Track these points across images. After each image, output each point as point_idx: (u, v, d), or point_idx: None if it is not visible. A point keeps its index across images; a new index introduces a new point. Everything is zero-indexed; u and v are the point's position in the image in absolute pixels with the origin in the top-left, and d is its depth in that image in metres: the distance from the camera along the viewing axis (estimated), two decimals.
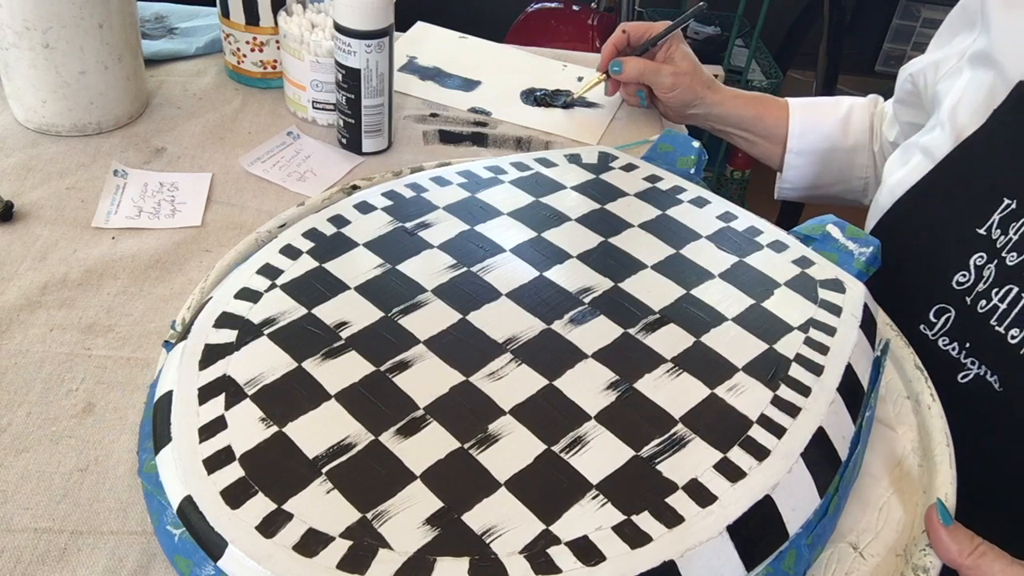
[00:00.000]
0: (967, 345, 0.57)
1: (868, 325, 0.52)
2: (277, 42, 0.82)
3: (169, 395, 0.44)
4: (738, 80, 1.83)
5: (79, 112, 0.74)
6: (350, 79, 0.72)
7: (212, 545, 0.38)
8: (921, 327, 0.59)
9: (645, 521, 0.38)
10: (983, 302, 0.55)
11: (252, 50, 0.83)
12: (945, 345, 0.58)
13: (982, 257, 0.55)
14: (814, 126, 0.82)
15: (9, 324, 0.57)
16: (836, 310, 0.52)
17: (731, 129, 0.86)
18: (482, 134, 0.82)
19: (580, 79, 0.94)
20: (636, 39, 0.85)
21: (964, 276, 0.56)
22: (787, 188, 0.86)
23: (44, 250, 0.63)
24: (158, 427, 0.43)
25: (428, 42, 0.98)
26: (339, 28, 0.70)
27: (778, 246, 0.57)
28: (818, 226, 0.60)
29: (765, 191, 0.70)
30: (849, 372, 0.48)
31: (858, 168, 0.82)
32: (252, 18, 0.81)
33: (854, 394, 0.48)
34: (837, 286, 0.54)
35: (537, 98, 0.89)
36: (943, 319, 0.58)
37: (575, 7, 1.72)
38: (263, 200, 0.71)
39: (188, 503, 0.39)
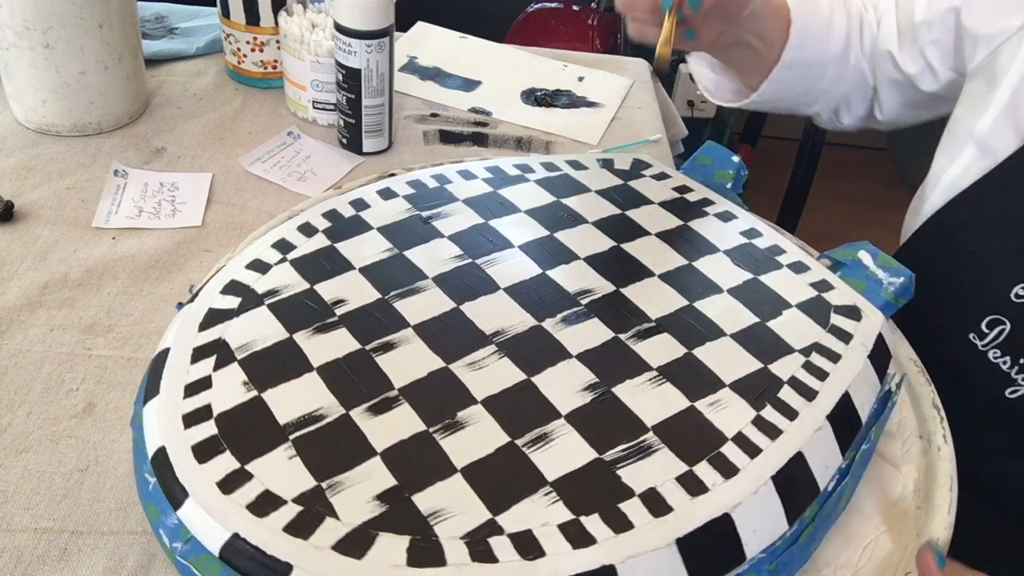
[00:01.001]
0: (1021, 361, 0.54)
1: (879, 357, 0.50)
2: (277, 42, 0.82)
3: (166, 352, 0.46)
4: None
5: (79, 112, 0.74)
6: (350, 79, 0.72)
7: (175, 495, 0.39)
8: (971, 336, 0.56)
9: (593, 523, 0.38)
10: None
11: (252, 50, 0.83)
12: (996, 358, 0.55)
13: None
14: (808, 35, 0.69)
15: (9, 324, 0.57)
16: (846, 337, 0.50)
17: (754, 39, 0.69)
18: (482, 134, 0.82)
19: (581, 79, 0.91)
20: None
21: None
22: (759, 102, 0.74)
23: (44, 250, 0.63)
24: (151, 380, 0.45)
25: (428, 42, 0.98)
26: (339, 28, 0.70)
27: (799, 267, 0.55)
28: (850, 251, 0.58)
29: (766, 191, 0.67)
30: (845, 401, 0.46)
31: (825, 81, 0.72)
32: (252, 18, 0.81)
33: (848, 424, 0.46)
34: (853, 313, 0.52)
35: (537, 98, 0.88)
36: (996, 331, 0.54)
37: (575, 7, 1.70)
38: (263, 200, 0.71)
39: (161, 453, 0.41)
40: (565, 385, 0.45)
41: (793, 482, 0.42)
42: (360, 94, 0.73)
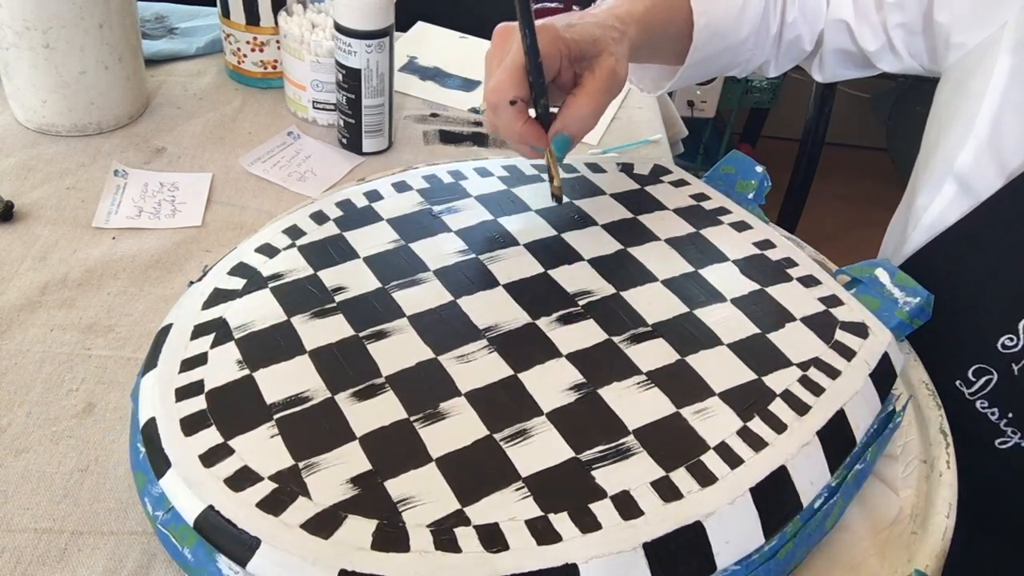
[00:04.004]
0: (1009, 415, 0.52)
1: (883, 377, 0.49)
2: (277, 42, 0.83)
3: (169, 327, 0.48)
4: (736, 80, 1.73)
5: (79, 112, 0.74)
6: (350, 79, 0.72)
7: (159, 465, 0.41)
8: (957, 383, 0.54)
9: (560, 521, 0.38)
10: None
11: (252, 50, 0.83)
12: (983, 408, 0.53)
13: None
14: (715, 29, 0.64)
15: (9, 324, 0.57)
16: (849, 354, 0.49)
17: (654, 60, 0.67)
18: (482, 134, 0.81)
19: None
20: (524, 92, 0.52)
21: (1011, 340, 0.51)
22: (663, 91, 0.72)
23: (44, 250, 0.63)
24: (151, 354, 0.47)
25: (428, 42, 0.98)
26: (339, 28, 0.70)
27: (809, 281, 0.54)
28: (867, 268, 0.57)
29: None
30: (839, 419, 0.45)
31: (742, 55, 0.68)
32: (252, 18, 0.81)
33: (840, 442, 0.45)
34: (860, 330, 0.51)
35: None
36: (983, 380, 0.53)
37: (575, 7, 1.68)
38: (263, 200, 0.71)
39: (151, 424, 0.42)
40: (551, 383, 0.45)
41: (773, 496, 0.41)
42: (360, 94, 0.73)
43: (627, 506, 0.39)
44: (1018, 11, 0.53)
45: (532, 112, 0.53)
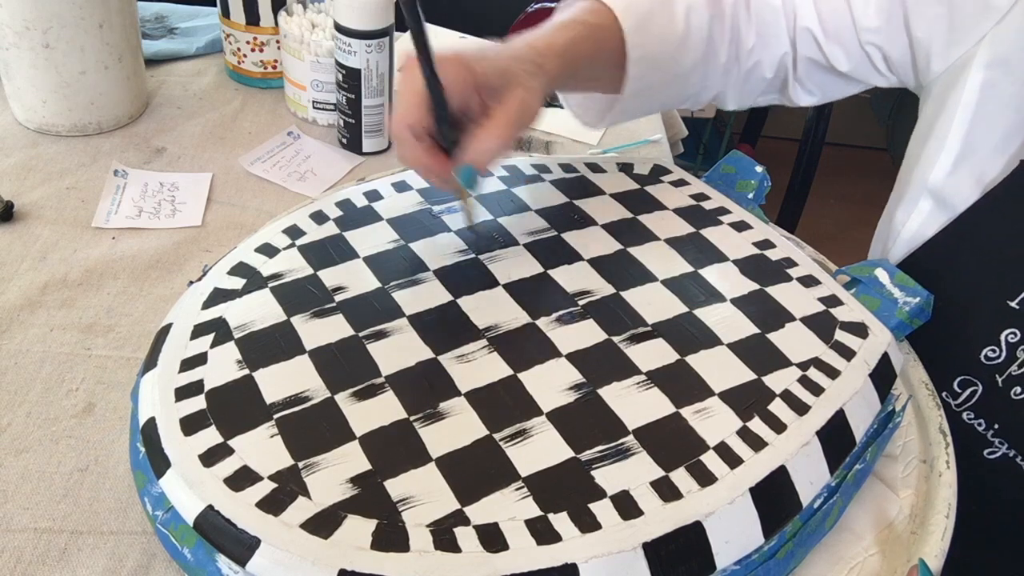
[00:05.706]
0: (996, 426, 0.52)
1: (882, 377, 0.49)
2: (277, 42, 0.83)
3: (168, 327, 0.48)
4: None
5: (79, 112, 0.74)
6: (350, 79, 0.73)
7: (159, 465, 0.41)
8: (944, 395, 0.54)
9: (560, 521, 0.38)
10: (1017, 388, 0.50)
11: (252, 50, 0.84)
12: (970, 419, 0.53)
13: (1015, 334, 0.50)
14: (652, 64, 0.60)
15: (9, 324, 0.57)
16: (848, 354, 0.49)
17: (587, 88, 0.63)
18: None
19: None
20: (427, 122, 0.49)
21: (994, 351, 0.51)
22: (606, 125, 0.68)
23: (44, 250, 0.63)
24: (151, 353, 0.47)
25: None
26: (339, 28, 0.71)
27: (809, 281, 0.54)
28: (867, 268, 0.57)
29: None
30: (839, 418, 0.45)
31: (689, 85, 0.64)
32: (252, 18, 0.81)
33: (840, 442, 0.45)
34: (859, 330, 0.51)
35: None
36: (968, 392, 0.53)
37: None
38: (263, 200, 0.71)
39: (151, 424, 0.42)
40: (550, 383, 0.45)
41: (773, 496, 0.41)
42: (360, 94, 0.74)
43: (627, 506, 0.39)
44: (993, 27, 0.53)
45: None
